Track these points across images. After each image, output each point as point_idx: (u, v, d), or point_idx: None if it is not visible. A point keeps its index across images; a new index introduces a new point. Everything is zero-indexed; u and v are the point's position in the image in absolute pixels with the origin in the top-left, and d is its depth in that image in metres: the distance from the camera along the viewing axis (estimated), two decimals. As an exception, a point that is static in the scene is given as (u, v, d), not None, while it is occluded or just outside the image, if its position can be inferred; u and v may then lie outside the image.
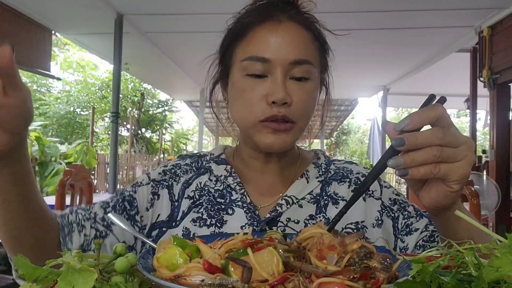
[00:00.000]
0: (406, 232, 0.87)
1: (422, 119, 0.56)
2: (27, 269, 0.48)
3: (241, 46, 0.83)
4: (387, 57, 6.09)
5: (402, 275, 0.47)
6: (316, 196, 0.90)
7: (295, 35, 0.81)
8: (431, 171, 0.57)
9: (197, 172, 0.95)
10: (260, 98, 0.79)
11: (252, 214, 0.87)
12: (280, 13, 0.82)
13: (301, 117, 0.81)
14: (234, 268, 0.46)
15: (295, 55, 0.79)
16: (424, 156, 0.56)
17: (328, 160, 0.97)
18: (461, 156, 0.58)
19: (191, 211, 0.89)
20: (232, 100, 0.86)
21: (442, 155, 0.56)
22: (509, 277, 0.39)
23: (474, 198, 1.56)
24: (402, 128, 0.56)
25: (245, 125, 0.83)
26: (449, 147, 0.57)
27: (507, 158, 4.27)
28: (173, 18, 4.50)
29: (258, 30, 0.81)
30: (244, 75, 0.81)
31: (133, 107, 13.37)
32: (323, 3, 0.91)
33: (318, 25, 0.88)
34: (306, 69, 0.80)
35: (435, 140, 0.56)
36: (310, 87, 0.82)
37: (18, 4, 4.18)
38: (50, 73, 5.11)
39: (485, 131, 12.44)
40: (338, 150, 20.93)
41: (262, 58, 0.79)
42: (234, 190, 0.90)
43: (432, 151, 0.56)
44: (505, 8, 3.98)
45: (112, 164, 4.68)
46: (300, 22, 0.83)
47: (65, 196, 1.91)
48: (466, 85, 5.36)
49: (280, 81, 0.78)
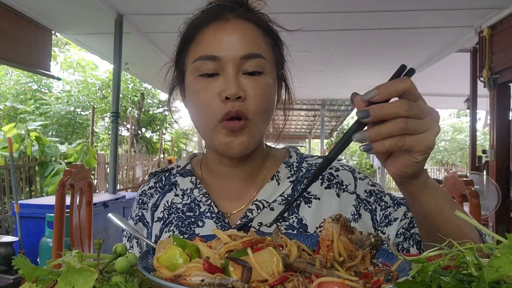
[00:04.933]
0: (385, 223, 0.86)
1: (389, 91, 0.56)
2: (27, 269, 0.48)
3: (192, 48, 0.84)
4: (387, 57, 6.10)
5: (402, 275, 0.47)
6: (288, 197, 0.87)
7: (244, 31, 0.81)
8: (396, 144, 0.56)
9: (162, 192, 0.96)
10: (214, 96, 0.79)
11: (222, 223, 0.85)
12: (227, 13, 0.82)
13: (257, 112, 0.80)
14: (234, 268, 0.46)
15: (244, 50, 0.79)
16: (389, 128, 0.56)
17: (301, 158, 0.94)
18: (426, 127, 0.58)
19: (163, 232, 0.89)
20: (189, 104, 0.87)
21: (407, 127, 0.56)
22: (509, 277, 0.39)
23: (474, 198, 1.56)
24: (369, 99, 0.56)
25: (204, 127, 0.82)
26: (414, 118, 0.56)
27: (507, 158, 4.27)
28: (173, 18, 4.50)
29: (206, 30, 0.82)
30: (197, 76, 0.81)
31: (133, 107, 13.37)
32: (323, 3, 0.91)
33: (270, 24, 0.87)
34: (258, 63, 0.80)
35: (400, 111, 0.55)
36: (264, 81, 0.81)
37: (18, 4, 4.18)
38: (50, 73, 5.12)
39: (485, 131, 12.44)
40: (338, 150, 20.87)
41: (212, 57, 0.79)
42: (201, 202, 0.89)
43: (398, 123, 0.55)
44: (505, 8, 3.98)
45: (112, 164, 4.68)
46: (249, 19, 0.83)
47: (65, 196, 1.91)
48: (466, 85, 5.36)
49: (232, 76, 0.78)
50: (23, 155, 5.94)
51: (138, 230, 0.95)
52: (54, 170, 5.96)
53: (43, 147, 6.25)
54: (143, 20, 4.66)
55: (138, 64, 6.42)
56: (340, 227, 0.52)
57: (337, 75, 7.45)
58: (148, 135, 14.37)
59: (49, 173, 5.94)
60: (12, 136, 5.82)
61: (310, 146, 19.27)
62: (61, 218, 1.89)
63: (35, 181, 6.00)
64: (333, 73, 7.24)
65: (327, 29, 4.80)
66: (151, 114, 14.01)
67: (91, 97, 12.71)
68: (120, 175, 8.86)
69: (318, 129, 15.26)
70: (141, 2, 4.16)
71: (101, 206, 4.06)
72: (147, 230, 0.95)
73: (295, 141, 21.59)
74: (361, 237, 0.53)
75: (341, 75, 7.50)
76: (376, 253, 0.54)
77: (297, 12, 4.22)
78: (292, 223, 0.84)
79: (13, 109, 10.92)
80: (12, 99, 11.25)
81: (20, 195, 5.42)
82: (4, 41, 4.16)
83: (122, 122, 12.90)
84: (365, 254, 0.51)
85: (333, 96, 10.73)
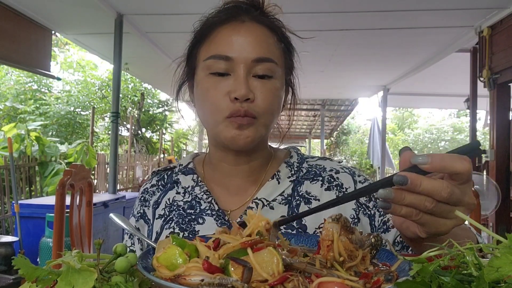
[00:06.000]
0: (383, 229, 0.86)
1: (441, 167, 0.51)
2: (27, 269, 0.48)
3: (205, 46, 0.85)
4: (387, 57, 6.09)
5: (402, 275, 0.47)
6: (288, 197, 0.88)
7: (258, 35, 0.82)
8: (412, 215, 0.54)
9: (164, 190, 0.97)
10: (223, 96, 0.80)
11: (222, 220, 0.86)
12: (243, 14, 0.83)
13: (264, 113, 0.81)
14: (234, 268, 0.46)
15: (257, 53, 0.80)
16: (415, 202, 0.52)
17: (301, 158, 0.95)
18: (453, 216, 0.54)
19: (163, 229, 0.90)
20: (197, 100, 0.88)
21: (432, 210, 0.53)
22: (509, 277, 0.39)
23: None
24: (417, 164, 0.51)
25: (211, 123, 0.83)
26: (447, 204, 0.53)
27: (507, 158, 4.27)
28: (173, 18, 4.50)
29: (221, 30, 0.83)
30: (208, 74, 0.82)
31: (133, 107, 13.37)
32: (323, 3, 0.92)
33: (284, 29, 0.89)
34: (269, 67, 0.81)
35: (436, 196, 0.52)
36: (273, 85, 0.82)
37: (18, 4, 4.18)
38: (50, 73, 5.11)
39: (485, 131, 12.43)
40: (338, 150, 20.92)
41: (224, 57, 0.80)
42: (202, 200, 0.90)
43: (426, 202, 0.52)
44: (505, 8, 3.98)
45: (112, 164, 4.68)
46: (264, 23, 0.84)
47: (65, 196, 1.91)
48: (466, 85, 5.36)
49: (243, 78, 0.79)
50: (23, 155, 5.94)
51: (140, 228, 0.96)
52: (54, 170, 5.96)
53: (43, 147, 6.25)
54: (143, 20, 4.66)
55: (138, 64, 6.42)
56: (340, 227, 0.52)
57: (337, 75, 7.45)
58: (148, 135, 14.37)
59: (49, 173, 5.94)
60: (12, 136, 5.82)
61: (310, 146, 19.26)
62: (61, 218, 1.89)
63: (35, 181, 6.00)
64: (333, 73, 7.24)
65: (327, 29, 4.80)
66: (151, 114, 14.00)
67: (91, 97, 12.70)
68: (120, 175, 8.85)
69: (318, 129, 15.25)
70: (141, 2, 4.16)
71: (101, 206, 4.06)
72: (148, 227, 0.96)
73: (295, 141, 21.60)
74: (361, 237, 0.53)
75: (341, 75, 7.50)
76: (376, 253, 0.54)
77: (297, 12, 4.22)
78: (291, 223, 0.84)
79: (13, 109, 10.92)
80: (12, 99, 11.24)
81: (20, 195, 5.42)
82: (4, 41, 4.16)
83: (122, 122, 12.89)
84: (365, 254, 0.51)
85: (333, 96, 10.72)
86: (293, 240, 0.67)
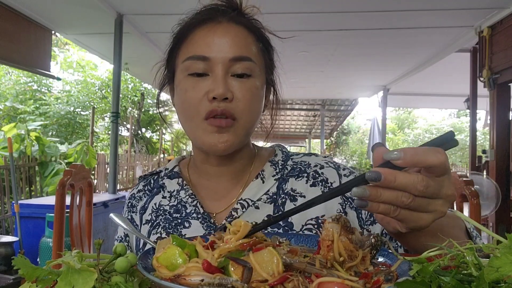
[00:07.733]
0: (370, 221, 0.86)
1: (415, 161, 0.50)
2: (27, 269, 0.48)
3: (183, 48, 0.85)
4: (387, 57, 6.10)
5: (402, 275, 0.47)
6: (273, 196, 0.87)
7: (235, 34, 0.83)
8: (390, 212, 0.53)
9: (150, 194, 0.97)
10: (202, 96, 0.80)
11: (208, 223, 0.86)
12: (220, 15, 0.84)
13: (243, 113, 0.81)
14: (234, 268, 0.46)
15: (234, 52, 0.81)
16: (392, 198, 0.51)
17: (286, 156, 0.95)
18: (432, 209, 0.53)
19: (150, 234, 0.90)
20: (177, 103, 0.87)
21: (410, 205, 0.52)
22: (509, 277, 0.39)
23: (474, 198, 1.56)
24: (390, 160, 0.50)
25: (191, 126, 0.83)
26: (424, 197, 0.52)
27: (507, 158, 4.27)
28: (173, 18, 4.48)
29: (198, 31, 0.83)
30: (186, 76, 0.82)
31: (133, 107, 13.37)
32: (323, 3, 0.92)
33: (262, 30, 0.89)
34: (247, 66, 0.81)
35: (412, 190, 0.51)
36: (252, 84, 0.82)
37: (18, 4, 4.18)
38: (50, 73, 5.12)
39: (485, 131, 12.43)
40: (338, 150, 20.93)
41: (202, 57, 0.80)
42: (187, 203, 0.90)
43: (403, 197, 0.51)
44: (505, 8, 3.98)
45: (112, 164, 4.68)
46: (241, 23, 0.85)
47: (65, 196, 1.90)
48: (466, 85, 5.36)
49: (221, 77, 0.79)
50: (23, 155, 5.94)
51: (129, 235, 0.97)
52: (54, 170, 5.96)
53: (43, 147, 6.25)
54: (143, 20, 4.66)
55: (138, 64, 6.42)
56: (340, 227, 0.52)
57: (337, 75, 7.45)
58: (148, 135, 14.38)
59: (49, 173, 5.94)
60: (12, 136, 5.82)
61: (310, 146, 19.26)
62: (61, 218, 1.89)
63: (35, 181, 6.00)
64: (333, 73, 7.24)
65: (327, 29, 4.80)
66: (151, 114, 14.00)
67: (91, 97, 12.70)
68: (120, 175, 8.86)
69: (318, 129, 15.26)
70: (141, 2, 4.16)
71: (101, 206, 4.06)
72: None
73: (295, 141, 21.60)
74: (361, 238, 0.53)
75: (341, 75, 7.50)
76: (376, 253, 0.54)
77: (298, 12, 4.23)
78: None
79: (13, 109, 10.92)
80: (12, 99, 11.24)
81: (20, 195, 5.42)
82: (4, 41, 4.16)
83: (122, 122, 12.90)
84: (365, 254, 0.51)
85: (333, 96, 10.73)
86: (293, 240, 0.67)
